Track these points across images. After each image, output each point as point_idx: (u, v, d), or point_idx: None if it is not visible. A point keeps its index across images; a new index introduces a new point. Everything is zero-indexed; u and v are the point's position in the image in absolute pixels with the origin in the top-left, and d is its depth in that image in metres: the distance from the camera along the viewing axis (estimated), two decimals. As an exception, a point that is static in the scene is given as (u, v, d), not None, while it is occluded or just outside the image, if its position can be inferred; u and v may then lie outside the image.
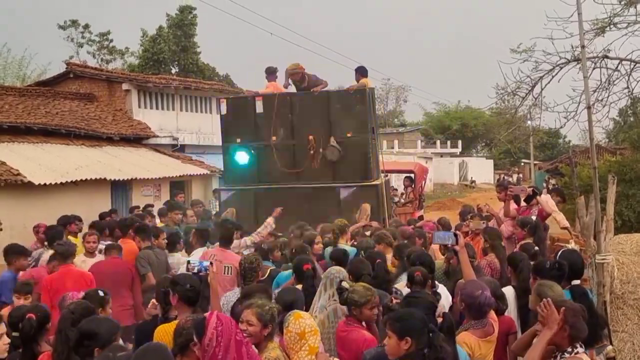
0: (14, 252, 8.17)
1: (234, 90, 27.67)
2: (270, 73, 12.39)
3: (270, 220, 9.70)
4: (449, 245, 6.53)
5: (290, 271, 7.02)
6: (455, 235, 6.29)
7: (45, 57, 60.48)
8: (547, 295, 4.62)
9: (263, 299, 4.64)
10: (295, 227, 9.50)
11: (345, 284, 5.08)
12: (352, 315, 5.01)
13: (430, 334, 3.92)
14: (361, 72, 12.21)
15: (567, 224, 10.06)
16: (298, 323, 4.17)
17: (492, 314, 5.13)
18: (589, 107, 7.64)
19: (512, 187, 10.28)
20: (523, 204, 9.98)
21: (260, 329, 4.30)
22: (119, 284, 7.91)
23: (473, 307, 4.93)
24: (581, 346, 4.27)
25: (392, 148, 52.96)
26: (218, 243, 8.24)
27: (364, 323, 5.06)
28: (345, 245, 8.22)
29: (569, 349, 4.21)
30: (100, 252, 8.81)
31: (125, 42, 60.84)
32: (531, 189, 10.22)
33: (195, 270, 5.78)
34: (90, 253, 8.72)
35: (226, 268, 7.66)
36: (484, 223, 9.31)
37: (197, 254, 8.28)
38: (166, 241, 9.12)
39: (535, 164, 50.85)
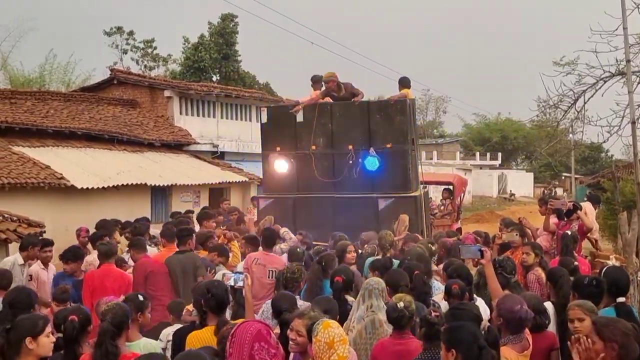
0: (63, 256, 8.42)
1: (274, 98, 27.82)
2: (316, 82, 12.42)
3: (284, 229, 9.90)
4: (476, 260, 6.48)
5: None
6: (481, 250, 6.25)
7: (89, 63, 61.60)
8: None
9: (316, 311, 4.67)
10: (331, 237, 9.56)
11: (400, 305, 5.00)
12: (408, 327, 4.97)
13: (481, 350, 3.89)
14: (403, 83, 12.18)
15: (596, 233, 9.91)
16: (327, 332, 4.12)
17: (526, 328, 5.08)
18: (633, 122, 7.56)
19: (552, 201, 10.11)
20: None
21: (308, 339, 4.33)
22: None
23: (512, 322, 4.87)
24: None
25: (431, 159, 52.67)
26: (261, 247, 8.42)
27: None
28: None
29: None
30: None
31: (168, 49, 61.64)
32: (571, 203, 10.06)
33: (232, 282, 5.81)
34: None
35: (270, 272, 7.74)
36: (517, 235, 9.20)
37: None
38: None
39: (576, 178, 50.05)
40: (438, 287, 6.82)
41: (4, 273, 7.56)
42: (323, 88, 12.20)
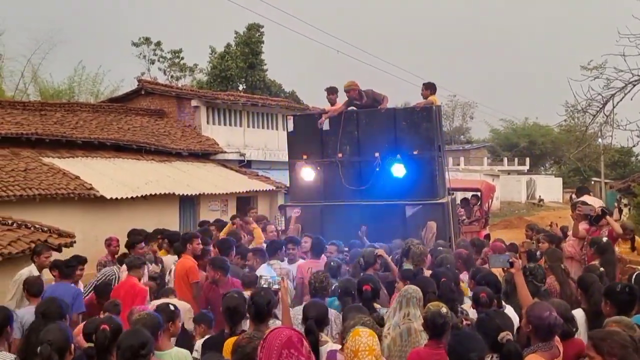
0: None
1: (300, 106, 27.90)
2: (331, 92, 12.47)
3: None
4: (505, 269, 6.44)
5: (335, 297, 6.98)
6: (510, 261, 6.20)
7: (118, 74, 62.07)
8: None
9: (368, 318, 4.71)
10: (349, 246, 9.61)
11: (444, 311, 5.00)
12: (445, 338, 4.97)
13: None
14: (429, 87, 12.11)
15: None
16: (354, 341, 4.13)
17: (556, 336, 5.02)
18: (663, 126, 7.45)
19: (580, 206, 9.98)
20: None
21: None
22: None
23: (542, 328, 4.82)
24: None
25: (458, 165, 52.40)
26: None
27: None
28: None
29: None
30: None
31: (195, 59, 62.22)
32: (600, 208, 9.92)
33: (265, 284, 5.85)
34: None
35: None
36: (543, 242, 9.14)
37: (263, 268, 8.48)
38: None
39: (606, 183, 49.40)
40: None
41: (34, 281, 7.69)
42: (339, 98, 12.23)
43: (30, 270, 8.75)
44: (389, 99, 12.02)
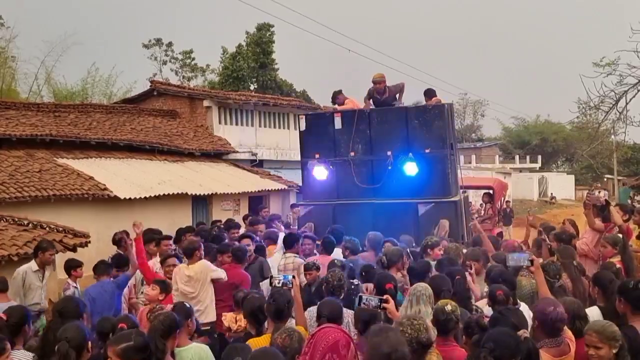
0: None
1: (312, 106, 27.90)
2: (337, 96, 12.56)
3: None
4: (524, 267, 6.44)
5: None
6: (531, 260, 6.19)
7: (131, 76, 62.32)
8: None
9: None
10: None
11: (448, 308, 5.03)
12: (453, 333, 4.99)
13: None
14: (430, 94, 12.19)
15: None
16: None
17: (569, 332, 5.00)
18: (676, 122, 7.44)
19: (589, 196, 9.98)
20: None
21: None
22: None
23: (545, 323, 4.85)
24: None
25: (470, 163, 52.16)
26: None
27: None
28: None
29: None
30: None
31: (206, 59, 62.49)
32: (604, 198, 9.94)
33: (280, 284, 5.87)
34: None
35: None
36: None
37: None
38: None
39: (619, 180, 49.11)
40: None
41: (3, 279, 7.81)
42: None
43: (29, 266, 8.84)
44: (404, 85, 12.31)
